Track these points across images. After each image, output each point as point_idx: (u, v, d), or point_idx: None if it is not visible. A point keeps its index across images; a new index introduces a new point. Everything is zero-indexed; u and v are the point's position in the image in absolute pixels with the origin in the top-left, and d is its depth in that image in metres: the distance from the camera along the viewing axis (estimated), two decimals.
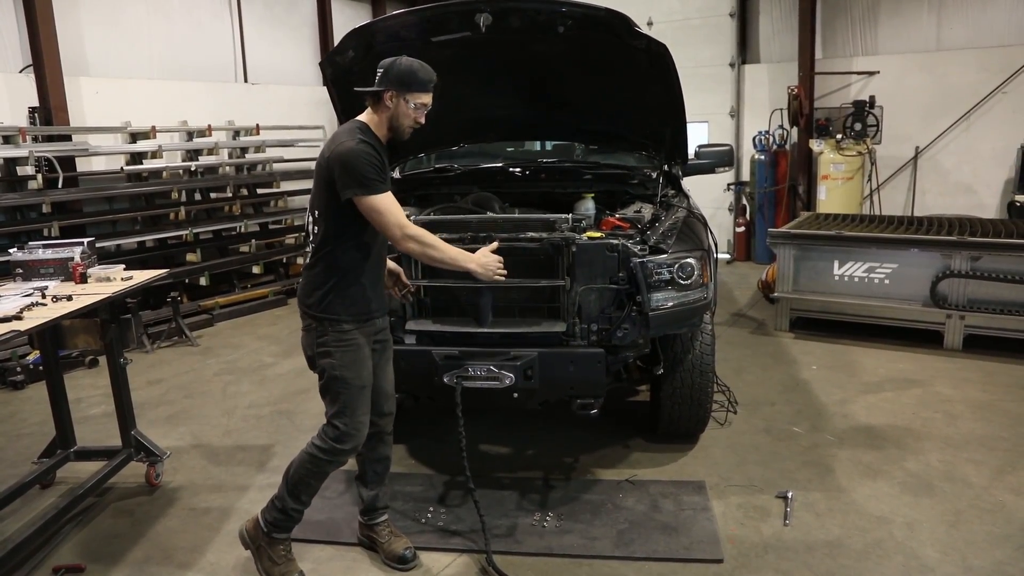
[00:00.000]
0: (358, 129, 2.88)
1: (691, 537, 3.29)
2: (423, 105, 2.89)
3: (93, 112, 7.30)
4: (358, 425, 2.96)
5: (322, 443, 2.96)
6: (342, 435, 2.94)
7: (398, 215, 2.82)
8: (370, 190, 2.76)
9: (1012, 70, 8.29)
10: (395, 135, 2.93)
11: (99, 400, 5.20)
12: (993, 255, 5.58)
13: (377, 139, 2.90)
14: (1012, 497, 3.58)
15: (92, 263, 3.88)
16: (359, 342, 2.95)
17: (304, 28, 10.11)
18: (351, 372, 2.93)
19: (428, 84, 2.87)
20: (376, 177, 2.78)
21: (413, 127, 2.92)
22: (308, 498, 3.06)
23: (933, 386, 5.09)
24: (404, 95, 2.85)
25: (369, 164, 2.78)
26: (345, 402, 2.93)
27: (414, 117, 2.89)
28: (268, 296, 8.04)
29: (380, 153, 2.85)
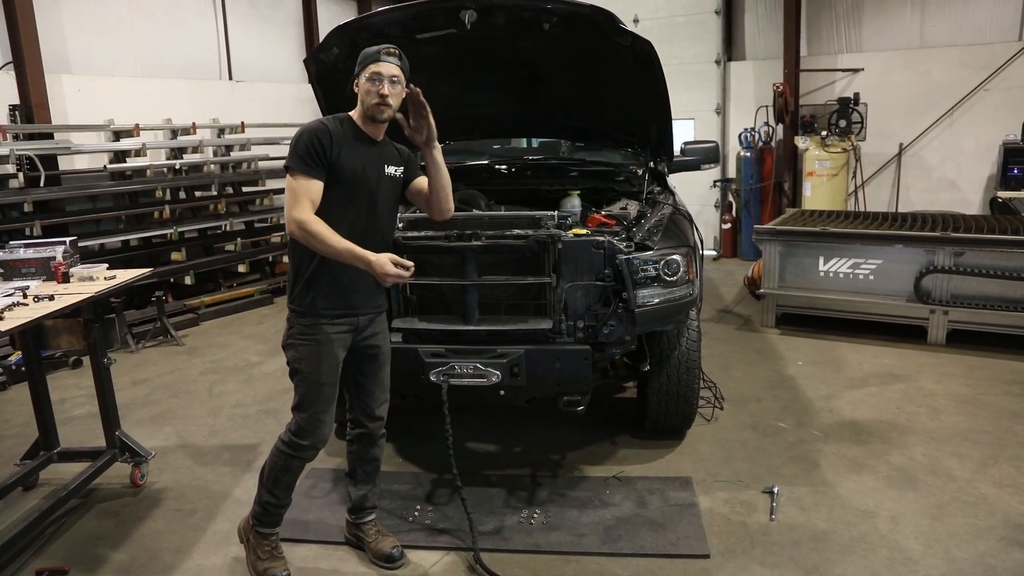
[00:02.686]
0: (332, 116, 2.93)
1: (678, 533, 3.30)
2: (377, 75, 2.81)
3: (75, 110, 7.24)
4: (316, 422, 2.93)
5: (284, 436, 2.98)
6: (300, 429, 2.93)
7: (297, 200, 2.75)
8: (291, 165, 2.78)
9: (994, 67, 8.37)
10: (372, 119, 2.88)
11: (83, 401, 5.16)
12: (976, 251, 5.63)
13: (354, 128, 2.90)
14: (994, 490, 3.62)
15: (75, 262, 3.84)
16: (323, 338, 2.89)
17: (289, 25, 10.06)
18: (310, 367, 2.90)
19: (376, 54, 2.82)
20: (303, 156, 2.76)
21: (379, 102, 2.83)
22: (282, 492, 3.04)
23: (917, 381, 5.13)
24: (361, 74, 2.86)
25: (306, 143, 2.77)
26: (303, 396, 2.93)
27: (374, 91, 2.82)
28: (254, 295, 8.00)
29: (331, 135, 2.81)
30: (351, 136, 2.88)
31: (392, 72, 2.82)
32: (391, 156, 3.03)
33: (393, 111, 2.88)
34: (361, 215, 2.91)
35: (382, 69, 2.81)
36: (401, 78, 2.85)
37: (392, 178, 3.02)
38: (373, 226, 2.95)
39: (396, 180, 3.05)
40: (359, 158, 2.89)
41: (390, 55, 2.84)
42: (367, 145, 2.92)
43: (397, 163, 3.04)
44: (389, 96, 2.82)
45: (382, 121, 2.90)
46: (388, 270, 2.78)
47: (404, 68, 2.88)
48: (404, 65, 2.88)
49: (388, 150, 3.03)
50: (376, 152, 2.96)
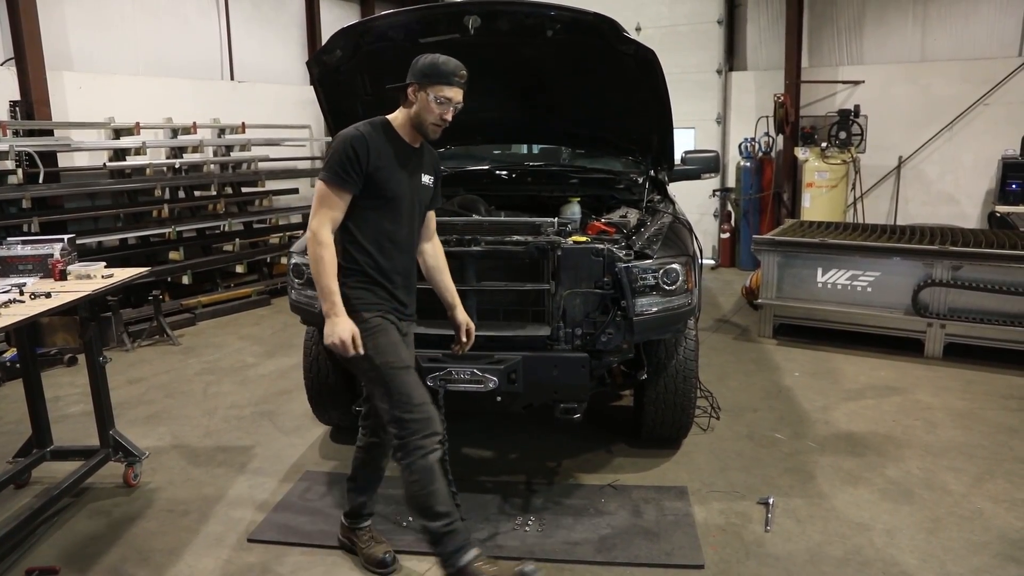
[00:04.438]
0: (370, 123, 2.83)
1: (672, 543, 3.29)
2: (447, 100, 2.75)
3: (76, 107, 7.22)
4: (424, 408, 2.79)
5: (401, 452, 2.78)
6: (412, 426, 2.75)
7: (319, 211, 2.72)
8: (323, 174, 2.73)
9: (994, 82, 8.40)
10: (420, 132, 2.83)
11: (77, 399, 5.13)
12: (974, 265, 5.63)
13: (394, 136, 2.83)
14: (990, 505, 3.61)
15: (72, 260, 3.83)
16: (387, 325, 2.85)
17: (292, 27, 10.07)
18: (392, 355, 2.80)
19: (451, 77, 2.74)
20: (337, 166, 2.71)
21: (439, 124, 2.79)
22: (444, 506, 2.80)
23: (914, 394, 5.13)
24: (426, 88, 2.75)
25: (342, 153, 2.72)
26: (399, 390, 2.77)
27: (438, 113, 2.76)
28: (251, 296, 7.98)
29: (368, 145, 2.74)
30: (389, 144, 2.81)
31: (460, 99, 2.79)
32: (427, 164, 2.99)
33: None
34: (400, 227, 2.88)
35: (454, 96, 2.76)
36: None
37: (427, 187, 2.99)
38: (408, 237, 2.93)
39: (428, 189, 3.01)
40: (398, 168, 2.83)
41: (464, 79, 2.78)
42: (406, 153, 2.86)
43: (431, 172, 3.01)
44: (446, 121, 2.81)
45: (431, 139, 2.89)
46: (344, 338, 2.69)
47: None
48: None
49: (425, 157, 2.98)
50: (415, 159, 2.91)
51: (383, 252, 2.87)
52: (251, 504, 3.72)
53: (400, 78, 4.28)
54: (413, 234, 2.96)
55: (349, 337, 2.71)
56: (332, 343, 2.72)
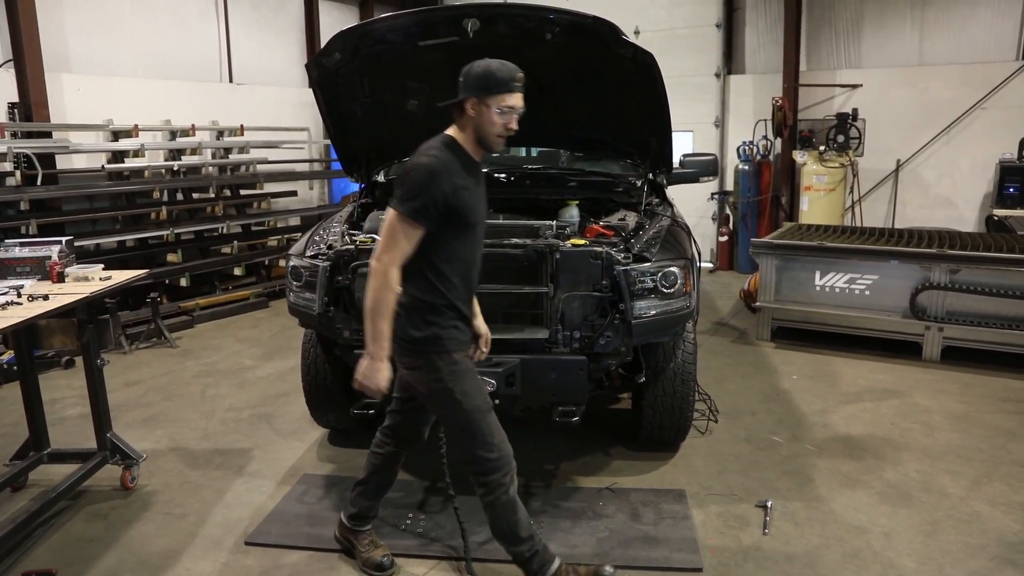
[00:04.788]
0: (442, 144, 2.65)
1: (671, 546, 3.29)
2: (509, 108, 2.60)
3: (74, 109, 7.23)
4: (502, 448, 2.76)
5: (484, 489, 2.78)
6: (493, 465, 2.74)
7: (391, 247, 2.55)
8: (400, 208, 2.53)
9: (991, 86, 8.42)
10: (484, 146, 2.68)
11: (75, 401, 5.13)
12: (971, 268, 5.64)
13: (463, 154, 2.66)
14: (988, 508, 3.62)
15: (70, 262, 3.83)
16: (470, 365, 2.82)
17: (291, 29, 10.08)
18: (479, 398, 2.76)
19: (509, 83, 2.58)
20: (415, 202, 2.52)
21: (504, 135, 2.64)
22: (526, 531, 2.85)
23: (911, 397, 5.13)
24: (485, 100, 2.58)
25: (422, 188, 2.53)
26: (484, 432, 2.73)
27: (502, 124, 2.61)
28: (250, 298, 7.97)
29: (450, 176, 2.57)
30: (462, 166, 2.65)
31: (522, 104, 2.64)
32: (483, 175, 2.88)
33: None
34: (476, 248, 2.81)
35: (516, 102, 2.61)
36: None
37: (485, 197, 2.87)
38: (479, 254, 2.87)
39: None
40: (472, 190, 2.69)
41: (522, 83, 2.62)
42: (475, 171, 2.74)
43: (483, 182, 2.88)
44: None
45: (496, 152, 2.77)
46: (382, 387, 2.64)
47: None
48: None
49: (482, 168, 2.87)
50: (480, 175, 2.80)
51: (466, 282, 2.76)
52: (249, 507, 3.72)
53: (399, 81, 4.30)
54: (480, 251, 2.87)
55: (386, 386, 2.67)
56: (368, 387, 2.65)
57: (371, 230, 3.91)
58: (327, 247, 3.79)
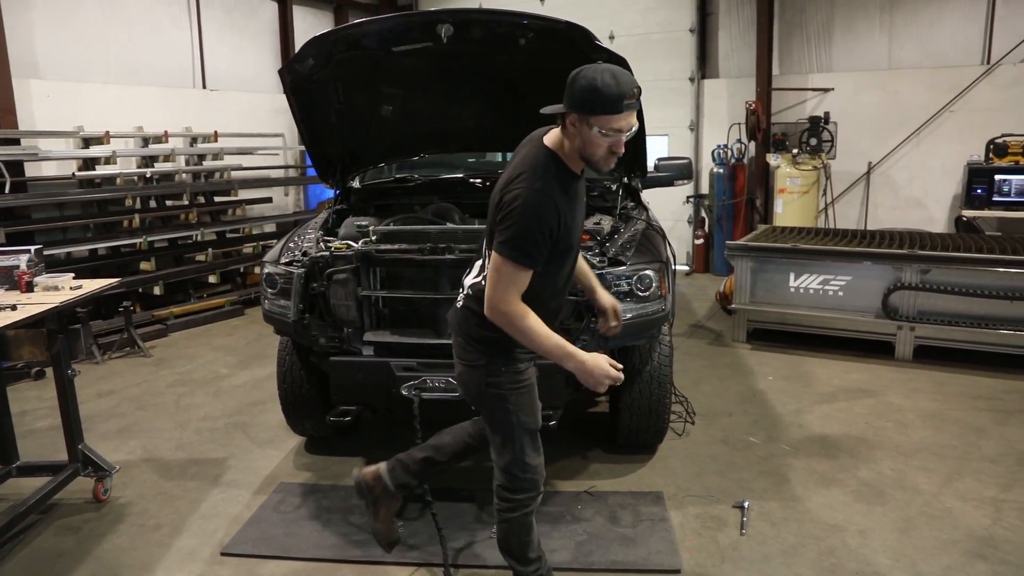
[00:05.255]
0: (543, 165, 2.40)
1: (649, 548, 3.30)
2: (616, 131, 2.28)
3: (44, 116, 7.11)
4: (535, 472, 2.68)
5: (504, 504, 2.70)
6: (523, 485, 2.66)
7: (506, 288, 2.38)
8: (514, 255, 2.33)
9: (959, 89, 8.58)
10: (590, 166, 2.43)
11: (45, 413, 5.04)
12: (942, 268, 5.73)
13: (564, 171, 2.42)
14: (959, 503, 3.67)
15: (39, 271, 3.77)
16: (529, 383, 2.64)
17: (265, 35, 10.01)
18: (528, 415, 2.63)
19: (618, 103, 2.25)
20: (530, 247, 2.33)
21: (610, 158, 2.37)
22: (535, 553, 2.81)
23: (885, 396, 5.20)
24: (588, 120, 2.29)
25: (534, 230, 2.32)
26: (522, 449, 2.64)
27: (607, 147, 2.32)
28: (225, 306, 7.89)
29: (558, 209, 2.37)
30: (561, 186, 2.42)
31: (633, 123, 2.32)
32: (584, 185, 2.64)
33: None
34: (569, 265, 2.65)
35: (625, 124, 2.30)
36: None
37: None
38: (570, 274, 2.71)
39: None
40: (573, 210, 2.50)
41: (634, 100, 2.29)
42: (574, 187, 2.51)
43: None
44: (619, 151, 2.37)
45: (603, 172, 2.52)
46: (609, 373, 2.45)
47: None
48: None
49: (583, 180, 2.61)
50: (579, 189, 2.57)
51: (554, 295, 2.63)
52: (225, 517, 3.68)
53: (373, 87, 4.30)
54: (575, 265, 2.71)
55: (608, 365, 2.47)
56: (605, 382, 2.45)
57: (346, 236, 3.90)
58: (302, 254, 3.77)
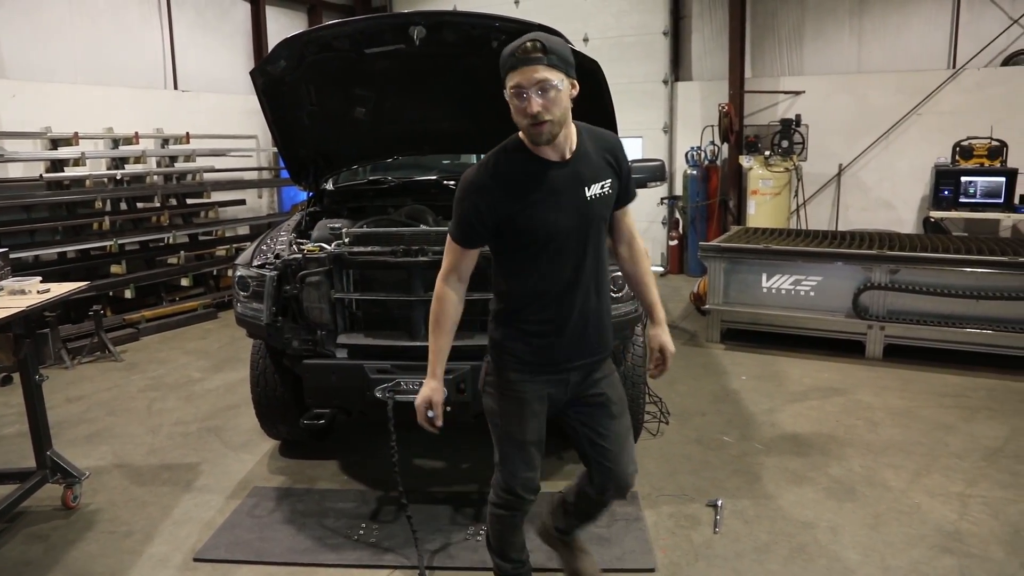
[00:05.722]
0: (496, 152, 2.35)
1: (623, 547, 3.32)
2: (516, 88, 2.14)
3: (9, 116, 6.99)
4: (515, 480, 2.54)
5: (492, 494, 2.63)
6: (503, 486, 2.57)
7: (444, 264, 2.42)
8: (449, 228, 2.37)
9: (926, 93, 8.74)
10: (534, 142, 2.25)
11: (12, 419, 4.95)
12: (910, 268, 5.84)
13: (529, 159, 2.28)
14: (927, 499, 3.74)
15: (5, 275, 3.71)
16: (522, 395, 2.46)
17: (237, 35, 9.92)
18: (514, 426, 2.50)
19: (512, 59, 2.14)
20: (457, 223, 2.34)
21: (532, 122, 2.16)
22: (517, 554, 2.73)
23: (855, 394, 5.28)
24: (505, 86, 2.19)
25: (459, 208, 2.33)
26: (501, 452, 2.56)
27: (522, 109, 2.16)
28: (197, 309, 7.80)
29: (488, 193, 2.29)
30: (525, 173, 2.28)
31: (538, 78, 2.12)
32: (591, 171, 2.34)
33: (560, 126, 2.20)
34: (556, 263, 2.36)
35: (522, 79, 2.13)
36: (556, 80, 2.13)
37: (599, 199, 2.36)
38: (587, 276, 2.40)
39: (607, 196, 2.39)
40: (545, 200, 2.28)
41: (529, 55, 2.12)
42: (552, 173, 2.28)
43: (603, 176, 2.36)
44: (543, 112, 2.15)
45: (546, 143, 2.23)
46: (421, 418, 2.49)
47: (559, 62, 2.14)
48: (558, 58, 2.14)
49: (584, 165, 2.33)
50: (567, 176, 2.30)
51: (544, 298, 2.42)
52: (197, 522, 3.64)
53: (346, 89, 4.28)
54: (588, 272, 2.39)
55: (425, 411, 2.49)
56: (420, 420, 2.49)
57: (319, 239, 3.88)
58: (275, 256, 3.74)
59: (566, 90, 2.19)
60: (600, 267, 2.44)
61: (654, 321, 2.62)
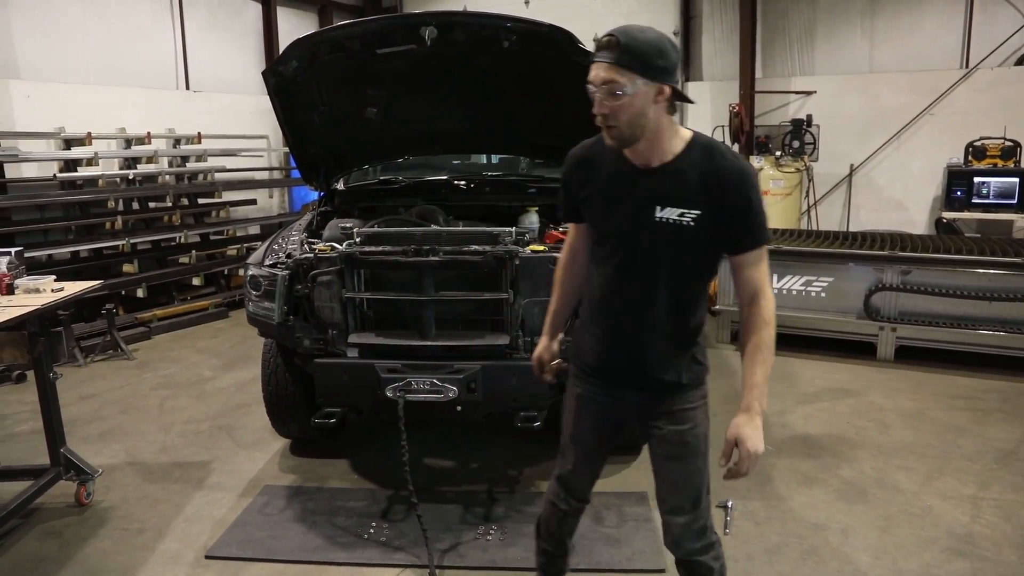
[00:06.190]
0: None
1: (633, 548, 3.32)
2: (589, 83, 1.97)
3: (24, 116, 7.04)
4: (556, 471, 2.46)
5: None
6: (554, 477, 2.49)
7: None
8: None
9: (938, 93, 8.69)
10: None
11: (26, 416, 4.99)
12: (922, 269, 5.80)
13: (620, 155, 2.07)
14: (939, 502, 3.72)
15: (20, 273, 3.74)
16: (580, 392, 2.35)
17: (248, 36, 9.97)
18: (566, 419, 2.42)
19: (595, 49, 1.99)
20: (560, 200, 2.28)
21: (604, 124, 2.00)
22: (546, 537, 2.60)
23: (867, 396, 5.25)
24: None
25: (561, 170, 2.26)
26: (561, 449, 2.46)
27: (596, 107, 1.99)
28: (208, 308, 7.84)
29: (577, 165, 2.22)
30: (607, 166, 2.12)
31: (604, 78, 1.92)
32: (674, 192, 2.02)
33: (628, 131, 1.96)
34: (611, 264, 2.16)
35: (593, 75, 1.96)
36: (624, 84, 1.90)
37: (671, 224, 2.02)
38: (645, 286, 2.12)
39: (683, 227, 2.02)
40: (611, 201, 2.12)
41: (600, 50, 1.95)
42: (628, 178, 2.07)
43: (687, 203, 2.01)
44: (609, 116, 1.95)
45: (618, 148, 2.04)
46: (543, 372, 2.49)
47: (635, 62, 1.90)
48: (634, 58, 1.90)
49: (668, 182, 2.03)
50: (643, 187, 2.05)
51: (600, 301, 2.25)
52: (209, 520, 3.66)
53: (357, 89, 4.30)
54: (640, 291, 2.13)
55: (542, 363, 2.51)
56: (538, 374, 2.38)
57: (330, 238, 3.89)
58: (286, 256, 3.76)
59: (643, 95, 1.91)
60: (679, 301, 2.14)
61: (740, 406, 2.14)
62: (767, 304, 2.08)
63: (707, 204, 2.00)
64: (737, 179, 1.99)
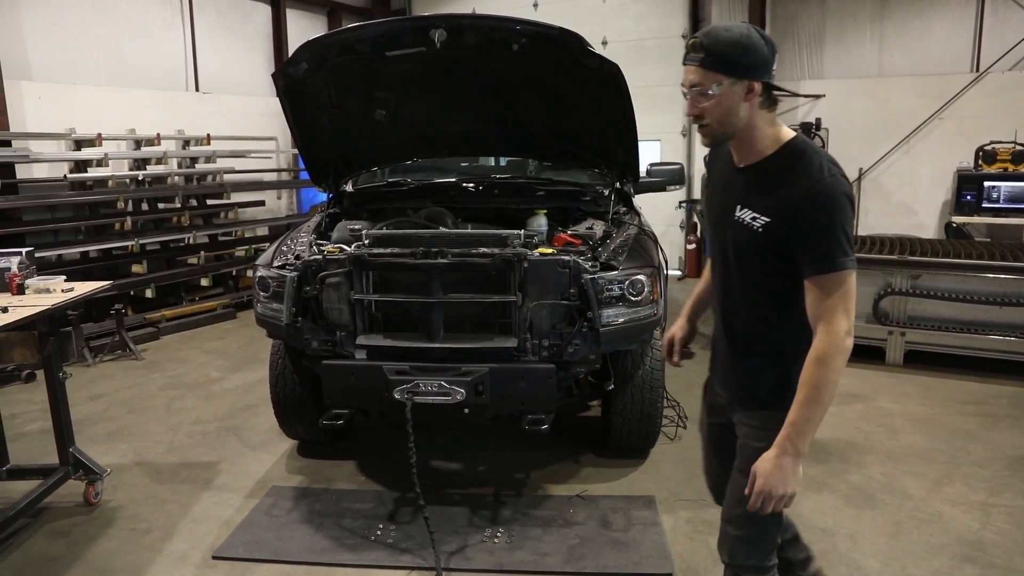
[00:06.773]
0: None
1: (641, 552, 3.31)
2: (683, 86, 1.96)
3: (35, 118, 7.09)
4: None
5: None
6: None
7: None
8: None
9: (948, 97, 8.65)
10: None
11: (36, 416, 5.01)
12: (932, 274, 5.78)
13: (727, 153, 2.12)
14: (948, 508, 3.70)
15: (31, 273, 3.76)
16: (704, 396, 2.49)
17: (258, 38, 10.01)
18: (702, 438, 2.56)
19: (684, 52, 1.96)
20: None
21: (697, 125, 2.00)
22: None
23: (875, 401, 5.23)
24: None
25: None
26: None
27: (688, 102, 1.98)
28: (216, 309, 7.88)
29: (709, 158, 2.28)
30: (720, 161, 2.17)
31: (692, 80, 1.92)
32: (753, 193, 1.99)
33: (720, 130, 1.95)
34: (716, 264, 2.22)
35: (683, 78, 1.95)
36: (710, 85, 1.89)
37: (744, 226, 2.00)
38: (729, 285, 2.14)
39: (753, 232, 1.98)
40: (715, 187, 2.20)
41: (688, 54, 1.93)
42: (731, 171, 2.09)
43: (760, 207, 1.96)
44: (700, 116, 1.95)
45: (709, 145, 2.11)
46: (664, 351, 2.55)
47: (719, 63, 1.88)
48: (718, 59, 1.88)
49: (751, 182, 2.01)
50: (740, 183, 2.04)
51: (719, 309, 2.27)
52: (216, 520, 3.67)
53: (366, 91, 4.32)
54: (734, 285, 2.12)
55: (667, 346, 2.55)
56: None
57: (339, 240, 3.90)
58: (295, 257, 3.77)
59: (730, 93, 1.90)
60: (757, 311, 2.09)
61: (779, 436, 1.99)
62: (823, 340, 1.93)
63: (776, 214, 1.93)
64: (808, 196, 1.88)
